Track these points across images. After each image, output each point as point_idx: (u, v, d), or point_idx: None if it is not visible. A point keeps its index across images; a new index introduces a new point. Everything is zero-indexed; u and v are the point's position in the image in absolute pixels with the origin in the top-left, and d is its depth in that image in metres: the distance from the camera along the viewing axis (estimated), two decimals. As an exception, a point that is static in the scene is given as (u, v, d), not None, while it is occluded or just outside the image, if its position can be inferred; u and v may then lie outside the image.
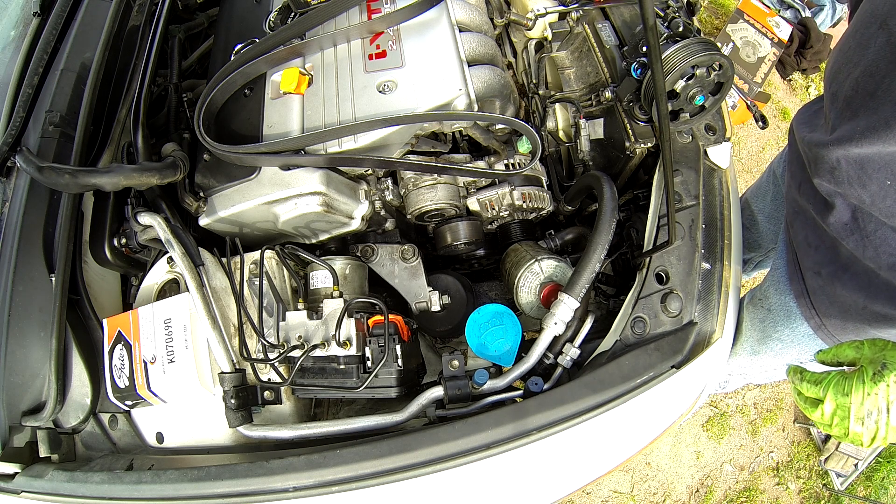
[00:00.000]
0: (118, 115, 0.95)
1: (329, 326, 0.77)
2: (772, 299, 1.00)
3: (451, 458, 0.68)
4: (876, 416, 0.63)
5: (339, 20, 0.92)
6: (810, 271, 0.90)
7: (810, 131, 0.84)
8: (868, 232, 0.76)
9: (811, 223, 0.88)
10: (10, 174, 0.91)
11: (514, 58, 1.25)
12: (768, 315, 1.01)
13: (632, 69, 0.85)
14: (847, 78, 0.72)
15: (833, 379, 0.67)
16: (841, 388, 0.65)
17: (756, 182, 1.30)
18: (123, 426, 0.86)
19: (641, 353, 0.74)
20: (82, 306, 0.87)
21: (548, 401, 0.71)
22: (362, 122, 0.78)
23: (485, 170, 0.94)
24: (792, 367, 0.74)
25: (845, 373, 0.67)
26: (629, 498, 1.83)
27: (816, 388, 0.68)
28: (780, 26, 2.42)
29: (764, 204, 1.21)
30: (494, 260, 1.15)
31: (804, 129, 0.87)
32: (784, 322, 0.98)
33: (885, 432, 0.63)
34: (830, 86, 0.78)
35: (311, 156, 0.80)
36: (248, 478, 0.70)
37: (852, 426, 0.64)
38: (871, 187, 0.71)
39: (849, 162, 0.73)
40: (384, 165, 0.84)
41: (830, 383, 0.66)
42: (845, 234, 0.79)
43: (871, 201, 0.72)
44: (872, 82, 0.67)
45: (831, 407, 0.66)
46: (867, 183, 0.71)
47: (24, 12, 1.13)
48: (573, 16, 1.04)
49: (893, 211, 0.71)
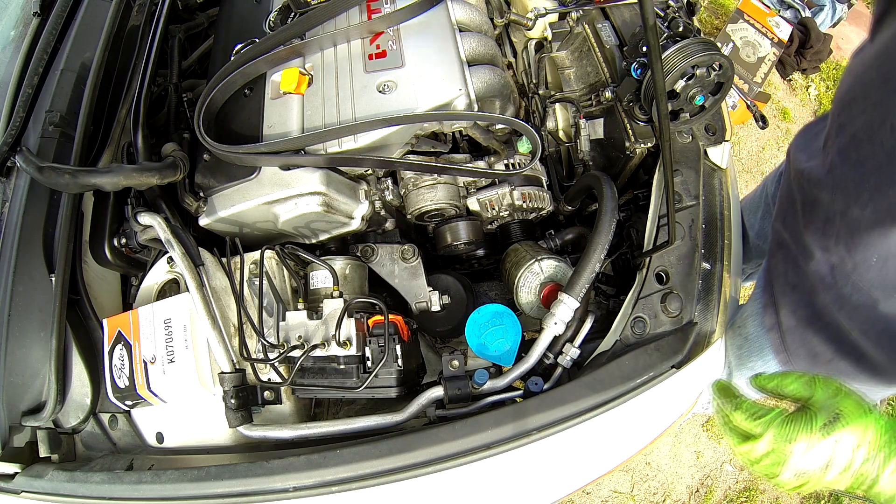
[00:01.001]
0: (118, 115, 0.95)
1: (329, 326, 0.77)
2: (749, 328, 0.95)
3: (451, 458, 0.68)
4: (812, 471, 0.56)
5: (339, 20, 0.92)
6: (786, 308, 0.85)
7: (808, 159, 0.79)
8: (844, 294, 0.72)
9: (792, 261, 0.84)
10: (10, 174, 0.91)
11: (514, 58, 1.25)
12: (745, 343, 0.97)
13: (632, 69, 0.85)
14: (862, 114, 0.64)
15: (776, 419, 0.58)
16: (785, 431, 0.56)
17: (750, 194, 1.25)
18: (123, 426, 0.86)
19: (641, 353, 0.74)
20: (82, 306, 0.87)
21: (548, 401, 0.71)
22: (362, 122, 0.78)
23: (485, 170, 0.94)
24: (720, 386, 0.64)
25: (789, 413, 0.58)
26: (629, 498, 1.83)
27: (755, 423, 0.59)
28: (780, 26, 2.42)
29: (754, 219, 1.17)
30: (494, 260, 1.15)
31: (802, 156, 0.82)
32: (758, 353, 0.94)
33: (811, 486, 0.57)
34: (840, 114, 0.70)
35: (311, 156, 0.80)
36: (248, 478, 0.69)
37: (784, 474, 0.57)
38: (856, 255, 0.66)
39: (843, 219, 0.67)
40: (384, 165, 0.84)
41: (773, 423, 0.57)
42: (821, 288, 0.75)
43: (852, 267, 0.68)
44: (893, 138, 0.58)
45: (766, 448, 0.58)
46: (854, 249, 0.66)
47: (24, 12, 1.13)
48: (573, 16, 1.04)
49: (874, 283, 0.66)
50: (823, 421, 0.55)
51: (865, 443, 0.55)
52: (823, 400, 0.57)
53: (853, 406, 0.56)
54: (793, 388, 0.59)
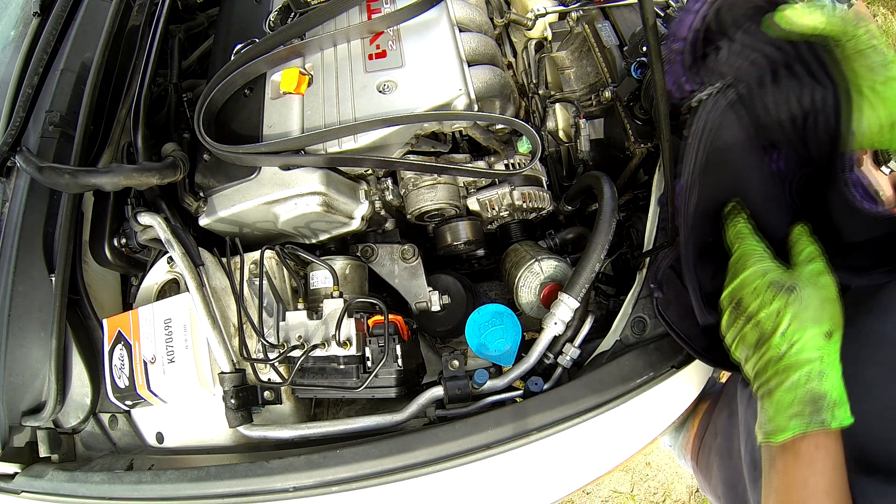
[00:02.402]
0: (118, 115, 0.95)
1: (329, 326, 0.77)
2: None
3: (451, 458, 0.68)
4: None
5: (339, 20, 0.92)
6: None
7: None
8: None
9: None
10: (10, 174, 0.91)
11: (514, 58, 1.25)
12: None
13: (632, 69, 0.85)
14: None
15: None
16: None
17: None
18: (123, 426, 0.86)
19: (641, 353, 0.74)
20: (82, 306, 0.87)
21: (548, 401, 0.71)
22: (362, 122, 0.78)
23: (485, 170, 0.94)
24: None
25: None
26: (629, 498, 1.83)
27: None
28: (780, 26, 2.41)
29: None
30: (494, 260, 1.15)
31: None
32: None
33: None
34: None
35: (310, 156, 0.80)
36: (248, 478, 0.69)
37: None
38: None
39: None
40: (384, 165, 0.84)
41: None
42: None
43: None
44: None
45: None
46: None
47: (24, 12, 1.13)
48: (573, 16, 1.04)
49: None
50: (779, 279, 0.54)
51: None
52: (805, 276, 0.54)
53: (817, 305, 0.52)
54: (801, 247, 0.57)
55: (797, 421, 0.50)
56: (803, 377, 0.51)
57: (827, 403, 0.50)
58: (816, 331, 0.51)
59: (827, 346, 0.51)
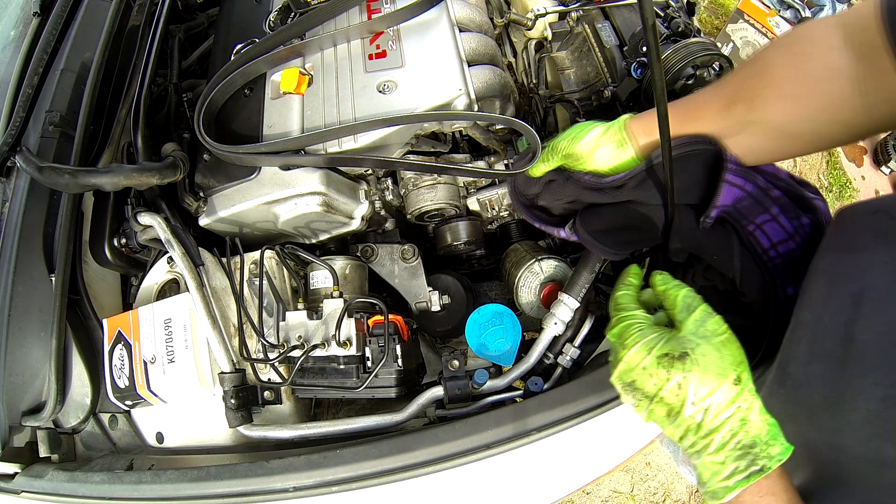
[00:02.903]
0: (118, 115, 0.95)
1: (329, 326, 0.77)
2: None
3: (451, 458, 0.68)
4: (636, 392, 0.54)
5: (339, 20, 0.92)
6: None
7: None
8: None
9: None
10: (10, 174, 0.91)
11: (514, 58, 1.25)
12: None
13: (632, 69, 0.85)
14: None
15: (628, 320, 0.56)
16: (626, 335, 0.54)
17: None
18: (123, 426, 0.86)
19: (641, 353, 0.74)
20: (82, 306, 0.86)
21: (548, 401, 0.71)
22: (362, 123, 0.78)
23: (485, 170, 0.94)
24: (634, 269, 0.63)
25: (649, 324, 0.55)
26: (629, 498, 1.83)
27: (613, 311, 0.58)
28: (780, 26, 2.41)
29: None
30: (494, 260, 1.15)
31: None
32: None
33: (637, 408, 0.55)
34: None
35: (310, 156, 0.80)
36: (248, 478, 0.69)
37: (612, 377, 0.56)
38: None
39: None
40: (384, 165, 0.84)
41: (622, 321, 0.56)
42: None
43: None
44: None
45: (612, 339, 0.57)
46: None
47: (24, 12, 1.13)
48: (573, 16, 1.04)
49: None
50: (668, 351, 0.50)
51: (709, 403, 0.49)
52: (692, 331, 0.51)
53: (715, 359, 0.49)
54: (674, 300, 0.54)
55: (735, 479, 0.48)
56: (727, 434, 0.49)
57: (760, 449, 0.48)
58: (725, 385, 0.49)
59: (740, 392, 0.49)
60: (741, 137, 0.58)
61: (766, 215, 0.61)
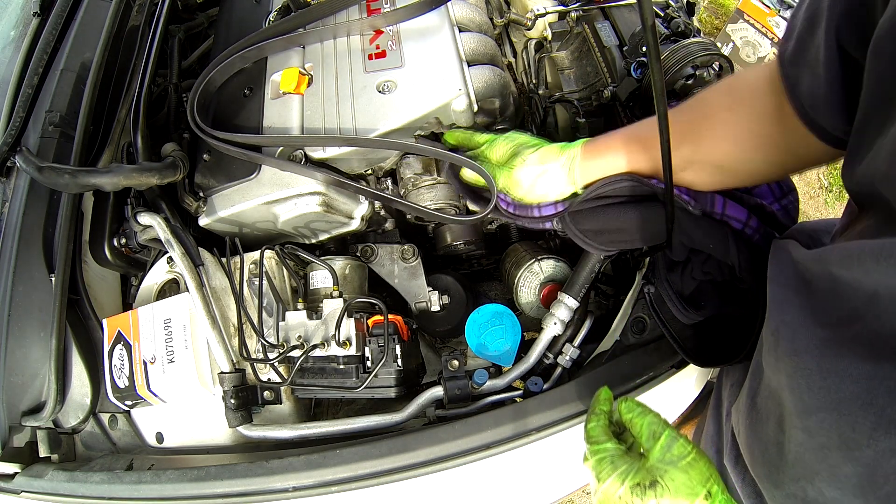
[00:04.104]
0: (118, 115, 0.95)
1: (329, 326, 0.77)
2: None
3: (451, 458, 0.68)
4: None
5: (339, 17, 0.92)
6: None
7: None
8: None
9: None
10: (10, 174, 0.91)
11: (513, 58, 1.25)
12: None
13: (631, 69, 0.85)
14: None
15: (601, 452, 0.56)
16: (600, 467, 0.55)
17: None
18: (123, 426, 0.86)
19: (641, 354, 0.74)
20: (82, 306, 0.87)
21: (548, 401, 0.71)
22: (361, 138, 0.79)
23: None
24: (605, 393, 0.61)
25: (619, 453, 0.56)
26: (629, 498, 1.82)
27: (588, 444, 0.57)
28: (780, 26, 2.41)
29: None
30: (494, 260, 1.15)
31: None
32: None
33: None
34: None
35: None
36: (248, 478, 0.70)
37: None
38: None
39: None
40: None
41: (597, 453, 0.56)
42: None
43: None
44: None
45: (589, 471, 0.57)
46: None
47: (24, 12, 1.13)
48: (573, 16, 1.04)
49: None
50: (639, 480, 0.52)
51: None
52: (659, 458, 0.53)
53: (684, 481, 0.51)
54: (640, 429, 0.55)
55: None
56: None
57: None
58: (696, 502, 0.50)
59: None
60: (684, 174, 0.63)
61: (719, 198, 0.65)
